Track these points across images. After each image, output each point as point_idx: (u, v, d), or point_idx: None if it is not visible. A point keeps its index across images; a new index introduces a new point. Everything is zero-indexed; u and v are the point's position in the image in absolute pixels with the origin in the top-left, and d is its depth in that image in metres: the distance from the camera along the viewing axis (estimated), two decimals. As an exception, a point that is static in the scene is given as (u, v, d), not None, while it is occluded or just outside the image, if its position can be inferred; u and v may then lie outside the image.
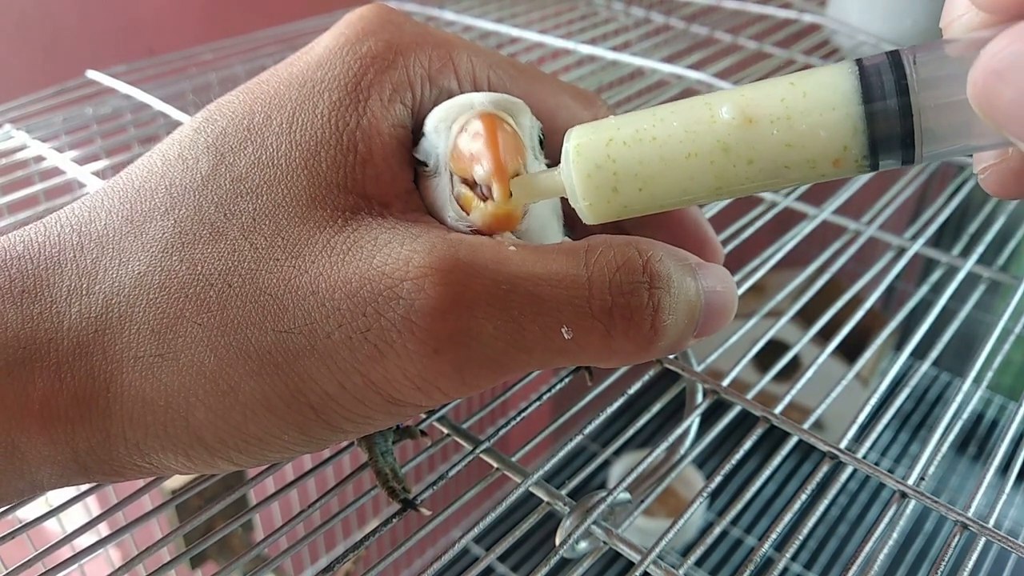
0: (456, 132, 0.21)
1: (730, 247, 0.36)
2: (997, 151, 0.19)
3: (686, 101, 0.20)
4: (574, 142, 0.20)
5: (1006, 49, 0.15)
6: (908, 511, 0.25)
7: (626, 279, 0.20)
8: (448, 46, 0.23)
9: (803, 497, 0.25)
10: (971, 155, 0.19)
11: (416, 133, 0.22)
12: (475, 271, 0.19)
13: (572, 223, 0.24)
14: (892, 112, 0.18)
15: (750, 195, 0.20)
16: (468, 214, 0.21)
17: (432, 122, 0.22)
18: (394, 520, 0.25)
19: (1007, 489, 0.25)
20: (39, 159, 0.44)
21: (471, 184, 0.21)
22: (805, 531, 0.24)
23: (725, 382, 0.29)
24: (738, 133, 0.19)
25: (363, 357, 0.19)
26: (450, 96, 0.22)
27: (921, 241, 0.38)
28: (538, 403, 0.28)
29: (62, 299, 0.20)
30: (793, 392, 0.29)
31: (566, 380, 0.30)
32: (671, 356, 0.30)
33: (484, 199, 0.21)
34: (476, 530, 0.24)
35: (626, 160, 0.19)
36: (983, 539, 0.24)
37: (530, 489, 0.25)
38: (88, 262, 0.20)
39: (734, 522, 1.15)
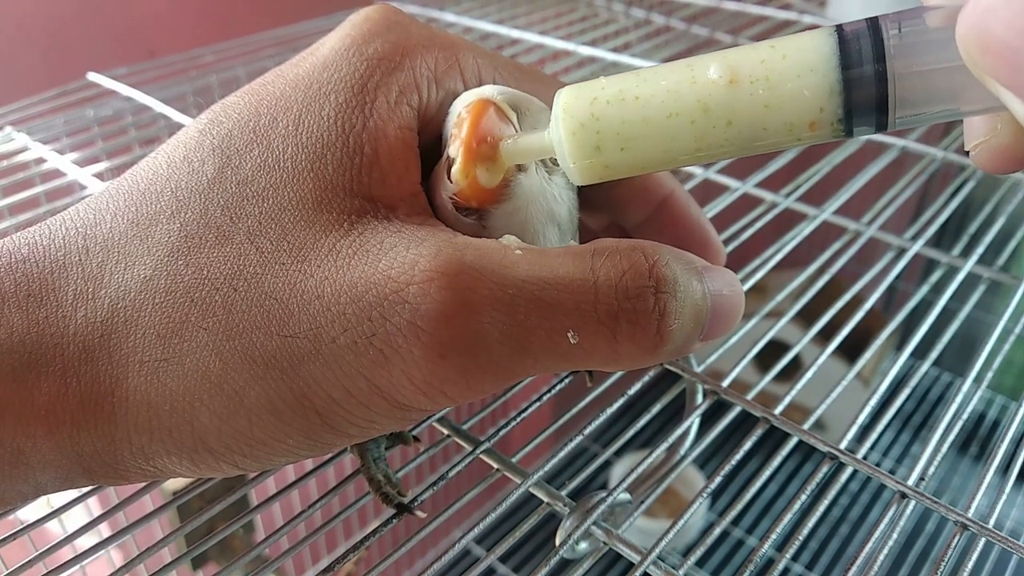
0: (455, 115, 0.22)
1: (731, 247, 0.36)
2: (988, 127, 0.19)
3: (670, 63, 0.20)
4: (562, 101, 0.20)
5: None
6: (908, 511, 0.25)
7: (632, 283, 0.20)
8: (454, 48, 0.23)
9: (803, 498, 0.25)
10: (968, 151, 0.19)
11: (422, 135, 0.22)
12: (481, 275, 0.19)
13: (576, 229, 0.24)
14: (868, 77, 0.18)
15: (730, 159, 0.20)
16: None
17: (452, 107, 0.22)
18: (394, 521, 0.25)
19: (1007, 489, 0.25)
20: (40, 161, 0.44)
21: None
22: (806, 531, 0.24)
23: (725, 383, 0.29)
24: (719, 94, 0.19)
25: (368, 362, 0.19)
26: (456, 98, 0.23)
27: (921, 241, 0.39)
28: (538, 404, 0.28)
29: (68, 303, 0.20)
30: (793, 392, 0.29)
31: (566, 381, 0.30)
32: (672, 357, 0.30)
33: None
34: (476, 531, 0.24)
35: (609, 119, 0.19)
36: (983, 540, 0.24)
37: (530, 490, 0.25)
38: (93, 266, 0.20)
39: (735, 523, 1.16)
